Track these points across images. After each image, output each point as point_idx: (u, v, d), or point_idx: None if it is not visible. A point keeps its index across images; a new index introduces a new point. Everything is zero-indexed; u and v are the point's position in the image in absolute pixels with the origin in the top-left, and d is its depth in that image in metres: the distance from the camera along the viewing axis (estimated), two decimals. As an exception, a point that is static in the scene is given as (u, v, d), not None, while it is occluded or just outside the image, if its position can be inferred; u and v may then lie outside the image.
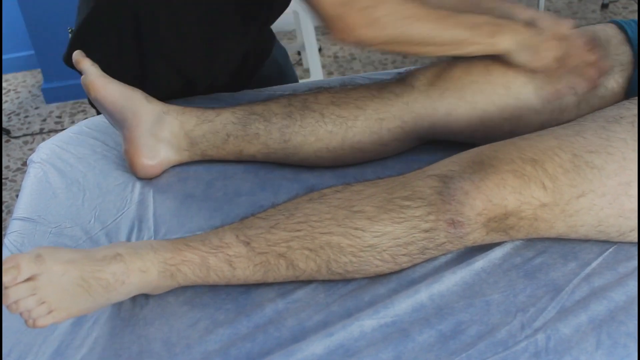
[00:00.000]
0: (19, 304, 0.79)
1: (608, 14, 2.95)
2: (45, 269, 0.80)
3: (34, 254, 0.80)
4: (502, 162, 0.88)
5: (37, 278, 0.79)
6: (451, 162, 0.92)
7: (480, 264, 0.91)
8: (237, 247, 0.88)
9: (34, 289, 0.79)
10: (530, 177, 0.87)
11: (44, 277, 0.80)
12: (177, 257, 0.87)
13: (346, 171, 1.12)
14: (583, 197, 0.87)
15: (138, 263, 0.86)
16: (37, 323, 0.80)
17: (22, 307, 0.79)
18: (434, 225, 0.87)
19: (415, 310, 0.86)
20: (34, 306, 0.80)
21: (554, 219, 0.88)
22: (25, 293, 0.79)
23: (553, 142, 0.90)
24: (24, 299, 0.79)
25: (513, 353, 0.80)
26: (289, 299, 0.89)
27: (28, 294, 0.79)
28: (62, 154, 1.20)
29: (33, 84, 2.80)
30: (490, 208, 0.86)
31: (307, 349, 0.82)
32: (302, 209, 0.89)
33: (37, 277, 0.79)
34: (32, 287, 0.79)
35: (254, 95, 1.27)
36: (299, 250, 0.87)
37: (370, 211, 0.87)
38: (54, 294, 0.80)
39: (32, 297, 0.79)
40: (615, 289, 0.86)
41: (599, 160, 0.88)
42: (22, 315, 0.80)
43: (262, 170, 1.13)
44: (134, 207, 1.07)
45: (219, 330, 0.86)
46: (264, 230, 0.88)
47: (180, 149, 1.13)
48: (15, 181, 2.23)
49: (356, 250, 0.87)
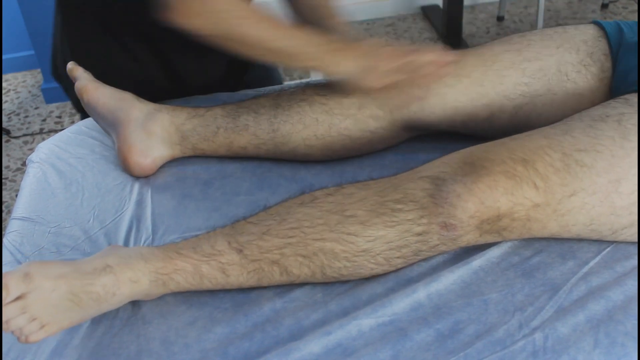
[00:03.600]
0: (10, 323, 0.79)
1: (608, 14, 2.95)
2: (34, 287, 0.80)
3: (22, 273, 0.80)
4: (494, 163, 0.88)
5: (26, 296, 0.79)
6: (442, 163, 0.92)
7: (478, 263, 0.91)
8: (230, 254, 0.87)
9: (24, 308, 0.79)
10: (522, 178, 0.87)
11: (33, 294, 0.79)
12: (169, 266, 0.87)
13: (343, 169, 1.12)
14: (574, 196, 0.87)
15: (128, 274, 0.85)
16: (29, 339, 0.81)
17: (13, 326, 0.79)
18: (427, 228, 0.87)
19: (413, 309, 0.86)
20: (25, 324, 0.80)
21: (547, 219, 0.88)
22: (15, 313, 0.79)
23: (543, 141, 0.90)
24: (14, 318, 0.79)
25: (511, 352, 0.80)
26: (286, 298, 0.89)
27: (18, 313, 0.79)
28: (61, 154, 1.20)
29: (33, 84, 2.79)
30: (483, 210, 0.86)
31: (305, 347, 0.82)
32: (294, 213, 0.89)
33: (26, 296, 0.79)
34: (22, 306, 0.79)
35: (246, 96, 1.27)
36: (292, 257, 0.87)
37: (362, 215, 0.87)
38: (45, 309, 0.80)
39: (23, 316, 0.79)
40: (613, 289, 0.86)
41: (589, 159, 0.88)
42: (14, 333, 0.80)
43: (260, 169, 1.14)
44: (132, 207, 1.08)
45: (217, 329, 0.86)
46: (256, 237, 0.88)
47: (172, 143, 1.14)
48: (15, 181, 2.23)
49: (350, 255, 0.87)
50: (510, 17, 2.96)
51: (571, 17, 2.93)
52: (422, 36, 2.85)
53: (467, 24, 2.92)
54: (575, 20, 2.89)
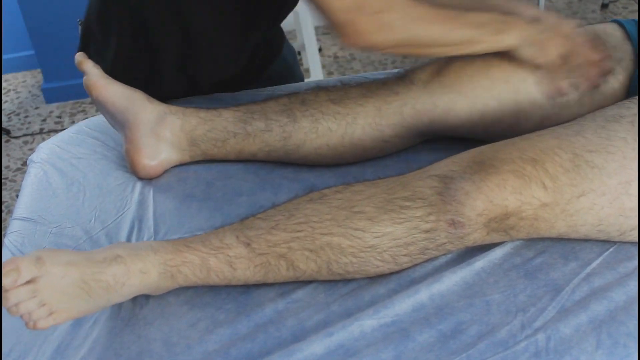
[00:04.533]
0: (20, 306, 0.79)
1: (608, 14, 2.95)
2: (45, 271, 0.80)
3: (34, 257, 0.80)
4: (503, 162, 0.88)
5: (37, 280, 0.79)
6: (452, 162, 0.92)
7: (480, 263, 0.91)
8: (238, 248, 0.88)
9: (34, 292, 0.79)
10: (530, 177, 0.87)
11: (44, 279, 0.80)
12: (178, 259, 0.87)
13: (347, 171, 1.12)
14: (583, 196, 0.87)
15: (138, 264, 0.86)
16: (37, 325, 0.81)
17: (22, 309, 0.79)
18: (435, 225, 0.87)
19: (415, 310, 0.86)
20: (35, 308, 0.80)
21: (555, 219, 0.88)
22: (25, 296, 0.79)
23: (553, 141, 0.90)
24: (25, 301, 0.79)
25: (513, 353, 0.80)
26: (289, 298, 0.89)
27: (28, 297, 0.79)
28: (62, 154, 1.20)
29: (33, 84, 2.80)
30: (491, 208, 0.86)
31: (307, 348, 0.82)
32: (303, 209, 0.89)
33: (37, 280, 0.79)
34: (33, 290, 0.79)
35: (253, 96, 1.27)
36: (300, 251, 0.87)
37: (370, 212, 0.87)
38: (54, 296, 0.80)
39: (33, 300, 0.79)
40: (616, 289, 0.86)
41: (600, 160, 0.88)
42: (23, 317, 0.80)
43: (263, 170, 1.13)
44: (134, 207, 1.07)
45: (219, 330, 0.86)
46: (264, 231, 0.88)
47: (181, 149, 1.13)
48: (15, 181, 2.23)
49: (357, 251, 0.87)
50: (510, 17, 2.95)
51: (571, 17, 2.92)
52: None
53: (467, 24, 2.91)
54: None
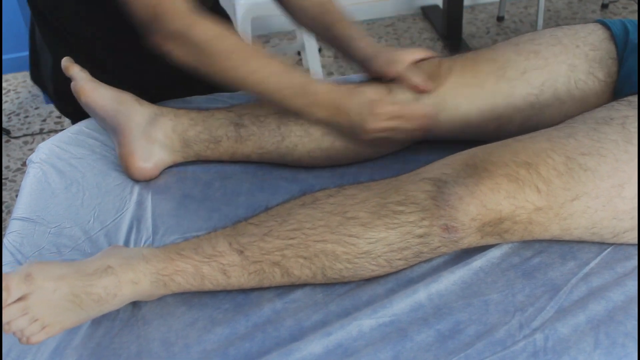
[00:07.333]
0: (11, 324, 0.79)
1: (608, 14, 2.95)
2: (35, 287, 0.80)
3: (24, 273, 0.80)
4: (496, 165, 0.88)
5: (27, 297, 0.79)
6: (444, 164, 0.91)
7: (478, 263, 0.91)
8: (231, 255, 0.87)
9: (25, 309, 0.79)
10: (524, 181, 0.86)
11: (34, 295, 0.80)
12: (170, 267, 0.87)
13: (345, 171, 1.12)
14: (577, 200, 0.87)
15: (130, 275, 0.85)
16: (30, 340, 0.81)
17: (14, 327, 0.79)
18: (428, 230, 0.86)
19: (413, 309, 0.86)
20: (26, 325, 0.80)
21: (548, 223, 0.88)
22: (16, 314, 0.79)
23: (546, 144, 0.90)
24: (16, 319, 0.79)
25: (511, 353, 0.80)
26: (287, 298, 0.89)
27: (20, 314, 0.79)
28: (61, 154, 1.20)
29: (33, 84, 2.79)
30: (485, 213, 0.86)
31: (306, 348, 0.82)
32: (295, 214, 0.89)
33: (27, 297, 0.79)
34: (24, 307, 0.79)
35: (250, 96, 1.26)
36: (294, 258, 0.87)
37: (364, 217, 0.87)
38: (46, 310, 0.80)
39: (24, 317, 0.79)
40: (614, 289, 0.86)
41: (592, 163, 0.88)
42: (15, 334, 0.80)
43: (261, 171, 1.13)
44: (132, 208, 1.08)
45: (217, 329, 0.86)
46: (257, 238, 0.87)
47: (174, 150, 1.13)
48: (15, 181, 2.23)
49: (351, 257, 0.87)
50: (510, 17, 2.96)
51: (571, 17, 2.93)
52: (422, 36, 2.85)
53: (467, 24, 2.92)
54: (575, 21, 2.89)
